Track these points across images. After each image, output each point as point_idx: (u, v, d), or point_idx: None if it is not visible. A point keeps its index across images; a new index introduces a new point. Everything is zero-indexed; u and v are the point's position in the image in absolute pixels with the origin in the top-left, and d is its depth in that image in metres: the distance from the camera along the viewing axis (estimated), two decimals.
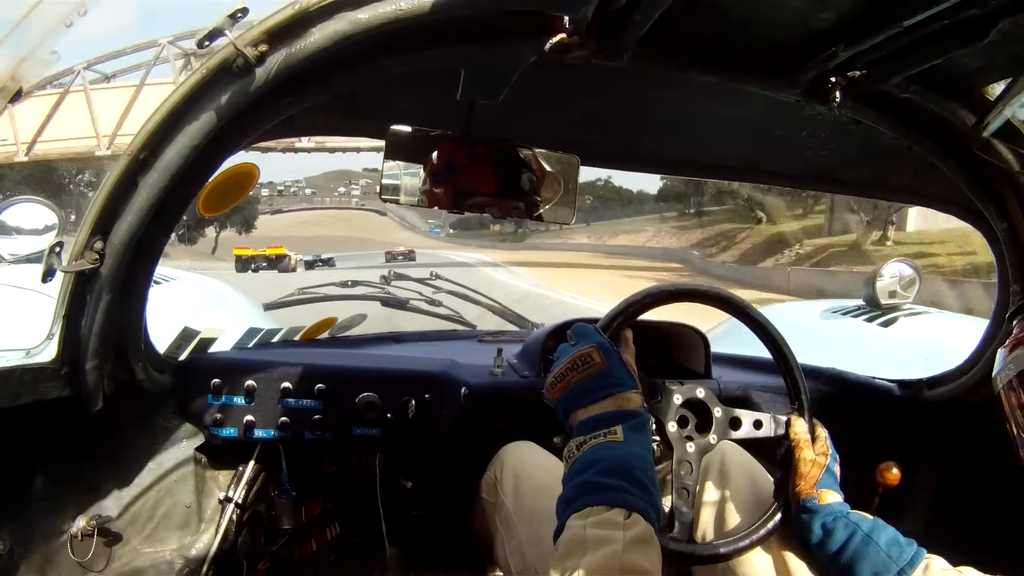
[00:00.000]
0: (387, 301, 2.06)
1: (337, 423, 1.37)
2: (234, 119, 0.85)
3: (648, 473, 0.80)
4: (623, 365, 0.90)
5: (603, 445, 0.81)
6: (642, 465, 0.80)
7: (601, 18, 0.83)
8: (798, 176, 1.48)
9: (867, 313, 2.19)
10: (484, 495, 1.28)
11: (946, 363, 1.57)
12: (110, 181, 0.89)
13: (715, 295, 1.10)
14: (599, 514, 0.75)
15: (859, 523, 0.95)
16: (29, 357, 1.04)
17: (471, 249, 61.14)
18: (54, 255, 0.94)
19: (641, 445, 0.82)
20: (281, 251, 26.02)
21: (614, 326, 1.00)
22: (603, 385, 0.87)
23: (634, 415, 0.84)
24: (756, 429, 1.07)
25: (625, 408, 0.85)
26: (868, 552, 0.92)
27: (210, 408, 1.31)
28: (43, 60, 0.80)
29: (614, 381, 0.87)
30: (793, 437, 1.05)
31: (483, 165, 1.05)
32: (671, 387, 1.05)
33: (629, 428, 0.83)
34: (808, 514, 0.99)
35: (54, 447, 1.12)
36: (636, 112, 1.24)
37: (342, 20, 0.80)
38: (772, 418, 1.08)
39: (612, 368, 0.88)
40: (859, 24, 0.85)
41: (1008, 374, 0.89)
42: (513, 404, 1.41)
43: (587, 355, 0.89)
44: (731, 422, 1.06)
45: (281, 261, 25.23)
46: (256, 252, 25.26)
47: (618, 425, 0.82)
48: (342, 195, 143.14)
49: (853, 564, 0.93)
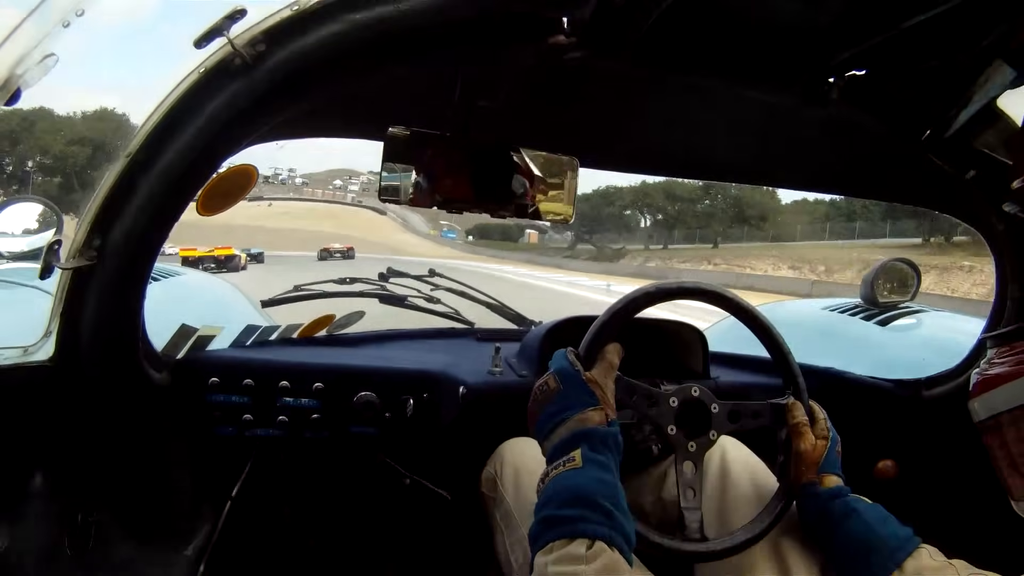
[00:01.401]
0: (385, 298, 2.05)
1: (335, 422, 1.38)
2: (232, 119, 0.85)
3: (610, 495, 0.79)
4: (582, 384, 0.89)
5: (562, 475, 0.81)
6: (603, 489, 0.79)
7: (600, 19, 0.82)
8: (796, 177, 1.49)
9: (865, 312, 2.19)
10: (484, 490, 1.28)
11: (944, 362, 1.58)
12: (109, 180, 0.89)
13: (692, 289, 1.08)
14: (560, 548, 0.75)
15: (857, 506, 0.95)
16: (27, 355, 1.04)
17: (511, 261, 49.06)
18: (52, 252, 0.94)
19: (602, 466, 0.81)
20: (230, 252, 25.49)
21: (593, 345, 0.98)
22: (558, 411, 0.87)
23: (591, 434, 0.84)
24: (754, 419, 1.07)
25: (581, 428, 0.84)
26: (863, 536, 0.92)
27: (208, 406, 1.31)
28: (43, 65, 0.80)
29: (568, 404, 0.87)
30: (791, 423, 1.05)
31: (461, 172, 1.06)
32: (666, 390, 1.05)
33: (588, 449, 0.82)
34: (809, 498, 0.99)
35: (52, 445, 1.12)
36: (635, 114, 1.24)
37: (340, 21, 0.80)
38: (769, 405, 1.08)
39: (567, 390, 0.88)
40: (857, 26, 0.85)
41: (981, 416, 0.90)
42: (511, 403, 1.41)
43: (544, 384, 0.91)
44: (729, 415, 1.06)
45: (230, 262, 24.70)
46: (203, 253, 24.51)
47: (576, 450, 0.82)
48: (337, 188, 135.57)
49: (848, 547, 0.94)
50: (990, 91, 0.95)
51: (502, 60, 0.89)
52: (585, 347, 0.97)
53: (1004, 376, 0.94)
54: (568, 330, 1.43)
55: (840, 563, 0.97)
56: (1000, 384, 0.93)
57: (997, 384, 0.93)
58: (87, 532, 1.15)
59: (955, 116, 1.03)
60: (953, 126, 1.06)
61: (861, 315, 2.19)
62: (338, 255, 31.74)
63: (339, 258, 31.10)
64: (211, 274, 4.33)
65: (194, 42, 0.80)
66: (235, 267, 24.54)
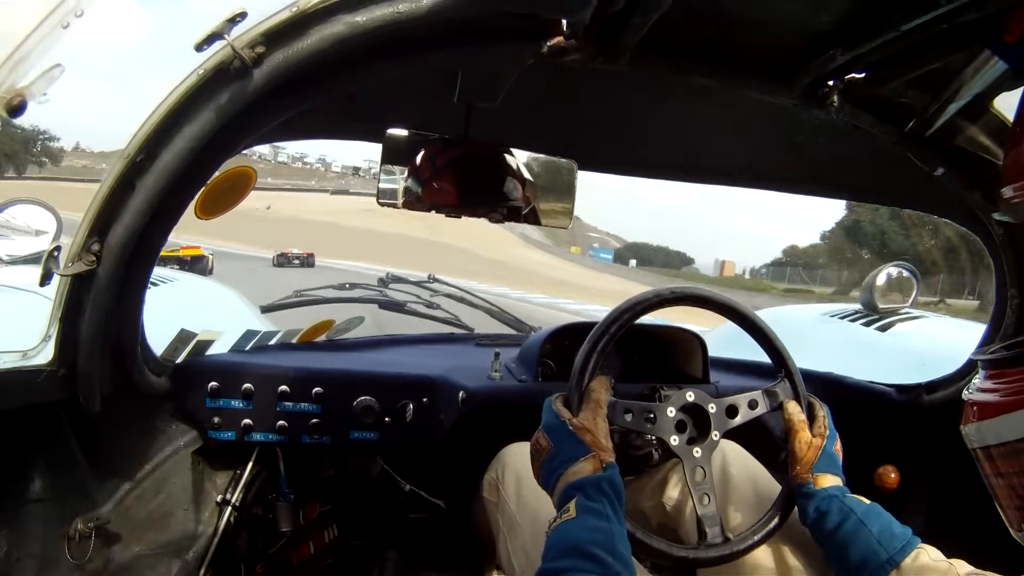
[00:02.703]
0: (385, 304, 2.05)
1: (335, 426, 1.37)
2: (231, 121, 0.85)
3: (604, 542, 0.80)
4: (570, 436, 0.91)
5: (558, 528, 0.83)
6: (595, 538, 0.80)
7: (599, 21, 0.83)
8: (796, 180, 1.49)
9: (865, 317, 2.19)
10: (486, 495, 1.28)
11: (944, 367, 1.57)
12: (107, 183, 0.89)
13: (674, 296, 1.07)
14: None
15: (853, 507, 0.95)
16: (26, 359, 1.03)
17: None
18: (52, 259, 0.93)
19: (597, 514, 0.83)
20: (198, 252, 22.08)
21: (578, 386, 0.98)
22: (553, 468, 0.90)
23: (583, 484, 0.86)
24: (752, 409, 1.07)
25: (575, 480, 0.87)
26: (859, 537, 0.92)
27: (207, 411, 1.30)
28: (49, 75, 0.79)
29: (561, 460, 0.89)
30: (787, 420, 1.05)
31: (447, 177, 1.06)
32: (663, 398, 1.04)
33: (584, 498, 0.84)
34: (804, 498, 0.99)
35: (51, 449, 1.12)
36: (634, 116, 1.24)
37: (339, 22, 0.80)
38: (763, 393, 1.07)
39: (558, 447, 0.91)
40: (857, 28, 0.86)
41: (976, 444, 0.89)
42: (510, 408, 1.41)
43: (535, 443, 0.95)
44: (727, 411, 1.06)
45: (197, 263, 21.42)
46: (168, 252, 20.58)
47: (571, 501, 0.84)
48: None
49: (844, 548, 0.93)
50: (977, 85, 0.95)
51: (501, 62, 0.89)
52: (571, 391, 0.98)
53: (995, 406, 0.91)
54: (566, 336, 1.43)
55: (837, 563, 0.96)
56: (992, 416, 0.91)
57: (989, 415, 0.91)
58: (87, 537, 1.14)
59: (952, 116, 1.04)
60: (945, 126, 1.06)
61: (861, 321, 2.19)
62: (296, 262, 27.13)
63: (297, 265, 26.72)
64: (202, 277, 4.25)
65: (194, 46, 0.80)
66: (202, 270, 21.26)
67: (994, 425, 0.88)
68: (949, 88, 1.01)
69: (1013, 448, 0.85)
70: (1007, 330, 1.39)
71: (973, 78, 0.97)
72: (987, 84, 0.96)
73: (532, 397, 1.37)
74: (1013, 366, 0.89)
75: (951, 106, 1.04)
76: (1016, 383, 0.89)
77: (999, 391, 0.91)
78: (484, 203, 1.12)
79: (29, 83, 0.80)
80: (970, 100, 1.02)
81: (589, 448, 0.89)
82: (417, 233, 48.53)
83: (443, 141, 1.06)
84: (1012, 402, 0.87)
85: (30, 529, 1.10)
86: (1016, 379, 0.89)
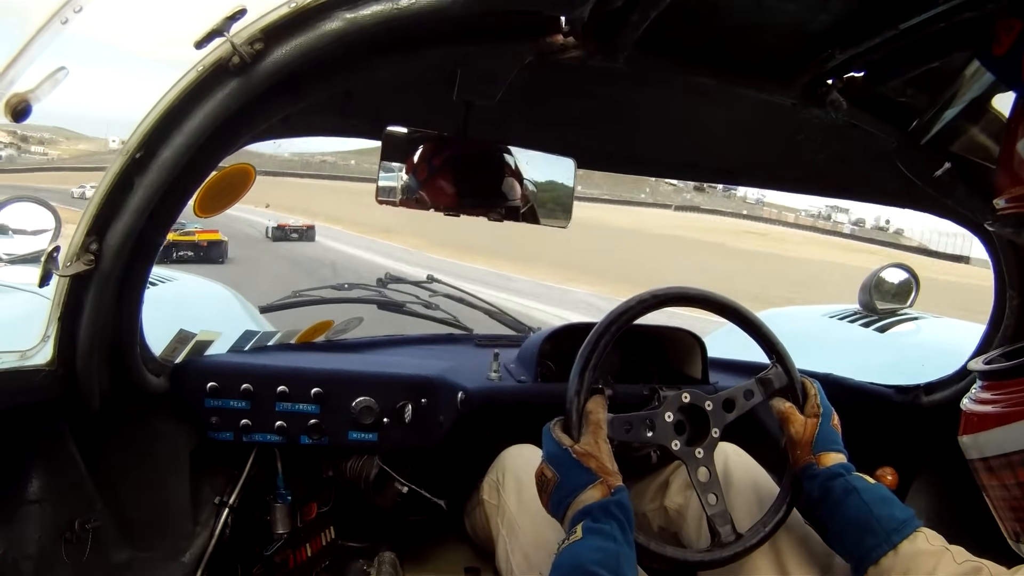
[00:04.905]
0: (383, 304, 2.05)
1: (333, 427, 1.37)
2: (230, 118, 0.85)
3: (609, 562, 0.81)
4: (574, 464, 0.92)
5: (564, 550, 0.85)
6: (600, 558, 0.82)
7: (597, 19, 0.83)
8: (794, 179, 1.49)
9: (864, 318, 2.19)
10: (486, 497, 1.28)
11: (943, 368, 1.57)
12: (106, 181, 0.89)
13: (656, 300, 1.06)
14: None
15: (857, 485, 0.95)
16: (25, 359, 1.03)
17: None
18: (51, 260, 0.93)
19: (603, 535, 0.85)
20: (216, 236, 18.83)
21: (575, 409, 0.98)
22: (561, 499, 0.92)
23: (590, 510, 0.87)
24: (748, 400, 1.07)
25: (583, 507, 0.89)
26: (860, 515, 0.92)
27: (206, 411, 1.30)
28: (53, 78, 0.79)
29: (569, 489, 0.91)
30: (777, 413, 1.05)
31: (444, 176, 1.06)
32: (660, 404, 1.04)
33: (591, 521, 0.86)
34: (810, 480, 0.99)
35: (49, 449, 1.11)
36: (632, 114, 1.24)
37: (338, 19, 0.80)
38: (757, 382, 1.07)
39: (564, 478, 0.92)
40: (855, 27, 0.86)
41: (975, 455, 0.88)
42: (509, 409, 1.41)
43: (540, 474, 0.96)
44: (724, 406, 1.06)
45: (215, 248, 18.57)
46: (181, 237, 18.10)
47: (578, 525, 0.86)
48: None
49: (845, 526, 0.93)
50: (976, 87, 0.95)
51: (500, 59, 0.89)
52: (568, 415, 0.98)
53: (993, 417, 0.91)
54: (565, 337, 1.43)
55: (837, 541, 0.96)
56: (990, 427, 0.90)
57: (987, 426, 0.91)
58: (84, 538, 1.13)
59: (950, 118, 1.04)
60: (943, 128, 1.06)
61: (860, 322, 2.19)
62: (295, 235, 23.76)
63: (296, 238, 23.55)
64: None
65: (194, 43, 0.80)
66: (218, 256, 18.76)
67: (993, 436, 0.88)
68: (948, 89, 1.02)
69: (1011, 460, 0.85)
70: (1006, 331, 1.39)
71: (971, 79, 0.97)
72: (986, 85, 0.97)
73: (531, 398, 1.37)
74: (1011, 377, 0.89)
75: (950, 108, 1.04)
76: (1014, 394, 0.88)
77: (997, 402, 0.90)
78: (482, 202, 1.12)
79: (33, 87, 0.80)
80: (969, 102, 1.02)
81: (596, 474, 0.90)
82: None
83: (440, 139, 1.06)
84: (1010, 413, 0.87)
85: (27, 530, 1.10)
86: (1014, 390, 0.88)
